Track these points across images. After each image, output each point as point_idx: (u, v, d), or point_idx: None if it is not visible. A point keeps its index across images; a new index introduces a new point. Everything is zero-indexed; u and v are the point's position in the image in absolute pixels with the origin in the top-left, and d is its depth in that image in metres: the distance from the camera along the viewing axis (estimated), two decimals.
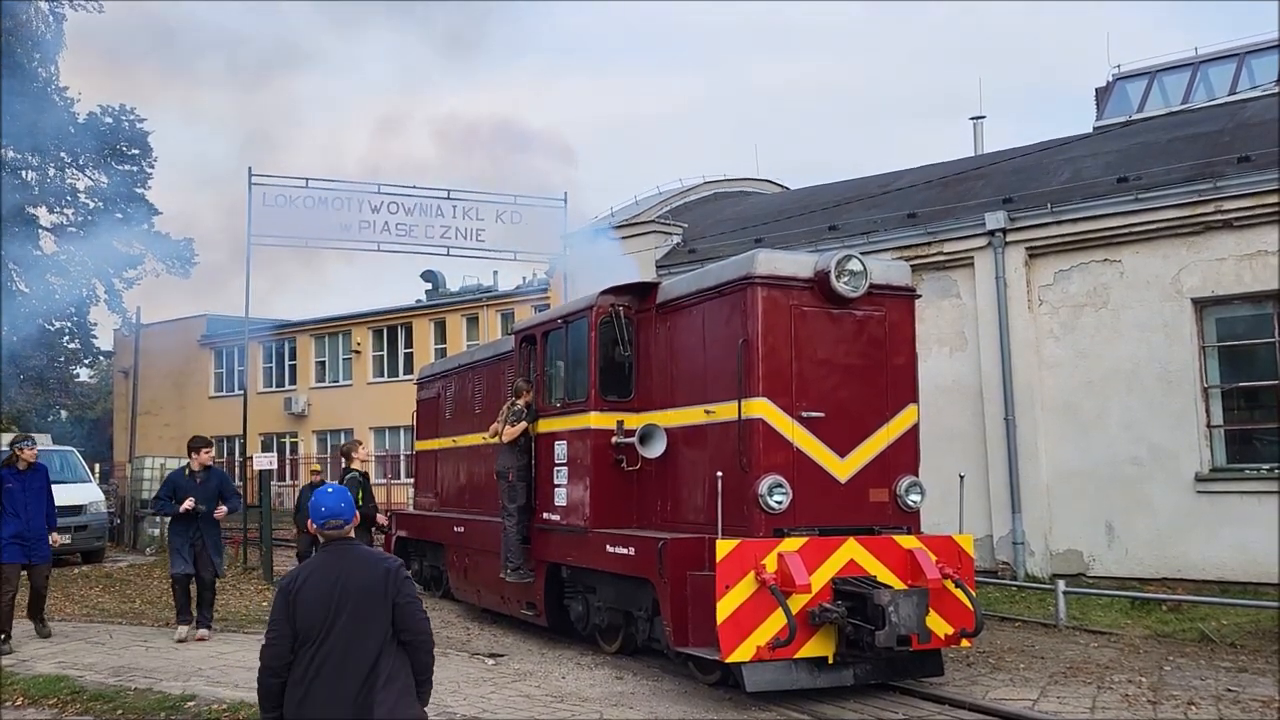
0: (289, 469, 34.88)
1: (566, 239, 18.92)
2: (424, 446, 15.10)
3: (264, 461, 17.67)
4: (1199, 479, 12.28)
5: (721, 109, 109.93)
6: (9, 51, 24.58)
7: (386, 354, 36.45)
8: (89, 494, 19.01)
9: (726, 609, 7.22)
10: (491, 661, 9.40)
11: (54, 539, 10.67)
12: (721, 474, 7.75)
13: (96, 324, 32.60)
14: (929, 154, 75.66)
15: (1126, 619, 11.08)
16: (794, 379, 8.00)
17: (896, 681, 8.04)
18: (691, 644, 7.62)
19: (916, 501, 8.31)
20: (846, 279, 8.14)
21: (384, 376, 36.14)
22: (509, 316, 31.39)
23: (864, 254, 8.68)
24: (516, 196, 19.93)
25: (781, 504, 7.75)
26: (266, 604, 12.65)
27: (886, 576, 7.74)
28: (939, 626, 7.73)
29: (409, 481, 22.19)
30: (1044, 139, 16.63)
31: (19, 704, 8.00)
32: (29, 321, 25.88)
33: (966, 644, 8.24)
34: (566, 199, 19.83)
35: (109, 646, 10.16)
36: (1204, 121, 14.35)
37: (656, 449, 8.89)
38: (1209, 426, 12.45)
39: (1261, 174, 12.00)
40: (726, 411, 8.12)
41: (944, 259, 14.38)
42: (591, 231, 18.26)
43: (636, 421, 9.17)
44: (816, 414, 8.02)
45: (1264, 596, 11.10)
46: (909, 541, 7.96)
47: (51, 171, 28.83)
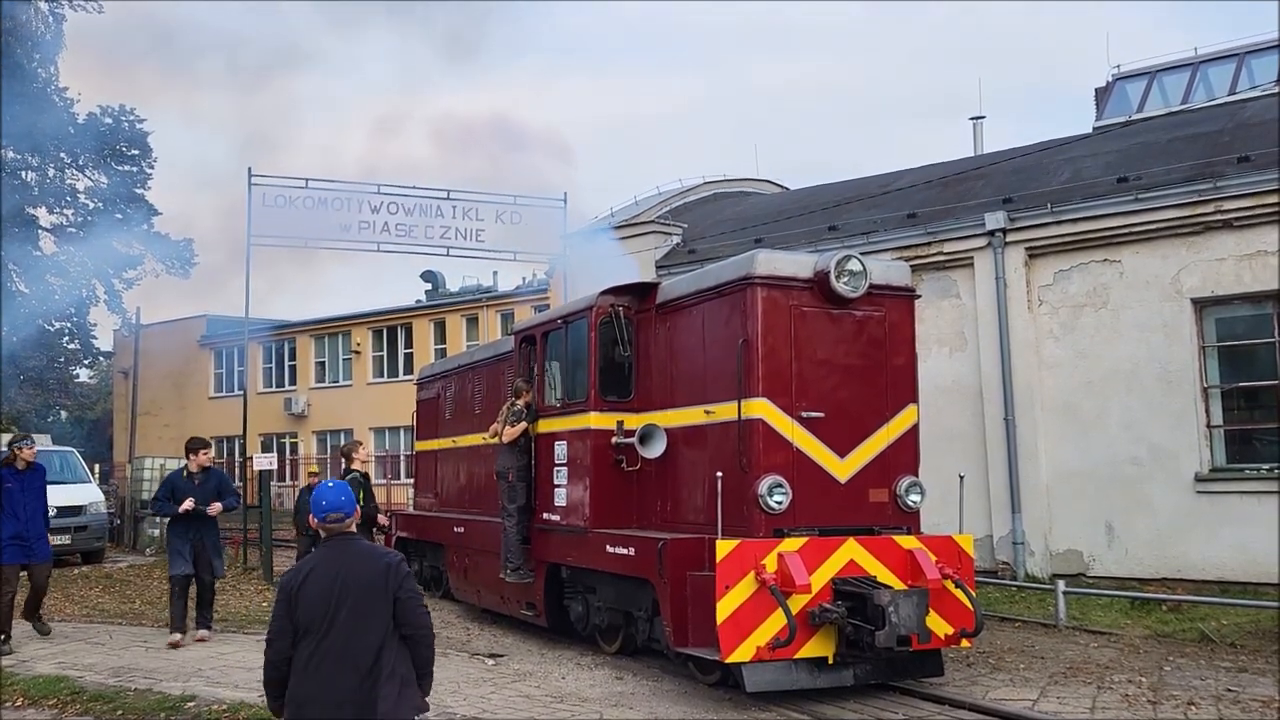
0: (289, 469, 34.87)
1: (566, 239, 18.92)
2: (424, 447, 15.10)
3: (264, 462, 17.67)
4: (1199, 479, 12.28)
5: (721, 109, 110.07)
6: (9, 52, 24.58)
7: (386, 354, 36.46)
8: (89, 494, 19.00)
9: (726, 609, 7.22)
10: (491, 662, 9.40)
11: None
12: (721, 474, 7.74)
13: (96, 324, 32.66)
14: (929, 154, 75.73)
15: (1126, 619, 11.08)
16: (794, 379, 8.00)
17: (896, 682, 8.04)
18: (691, 644, 7.61)
19: (916, 502, 8.31)
20: (846, 279, 8.14)
21: (384, 377, 36.15)
22: (509, 317, 31.40)
23: (864, 254, 8.68)
24: (516, 197, 19.94)
25: (781, 504, 7.75)
26: (266, 604, 12.65)
27: (886, 577, 7.74)
28: (939, 627, 7.73)
29: (409, 482, 22.18)
30: (1044, 139, 16.64)
31: (19, 704, 8.00)
32: (29, 322, 25.90)
33: (966, 644, 8.24)
34: (566, 199, 19.85)
35: (109, 647, 10.16)
36: (1204, 121, 14.35)
37: (656, 449, 8.89)
38: (1209, 426, 12.45)
39: (1261, 174, 12.00)
40: (726, 412, 8.12)
41: (944, 259, 14.38)
42: (591, 232, 18.27)
43: (636, 422, 9.16)
44: (816, 414, 8.02)
45: (1264, 596, 11.10)
46: (909, 542, 7.96)
47: (51, 172, 28.85)
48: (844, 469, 8.10)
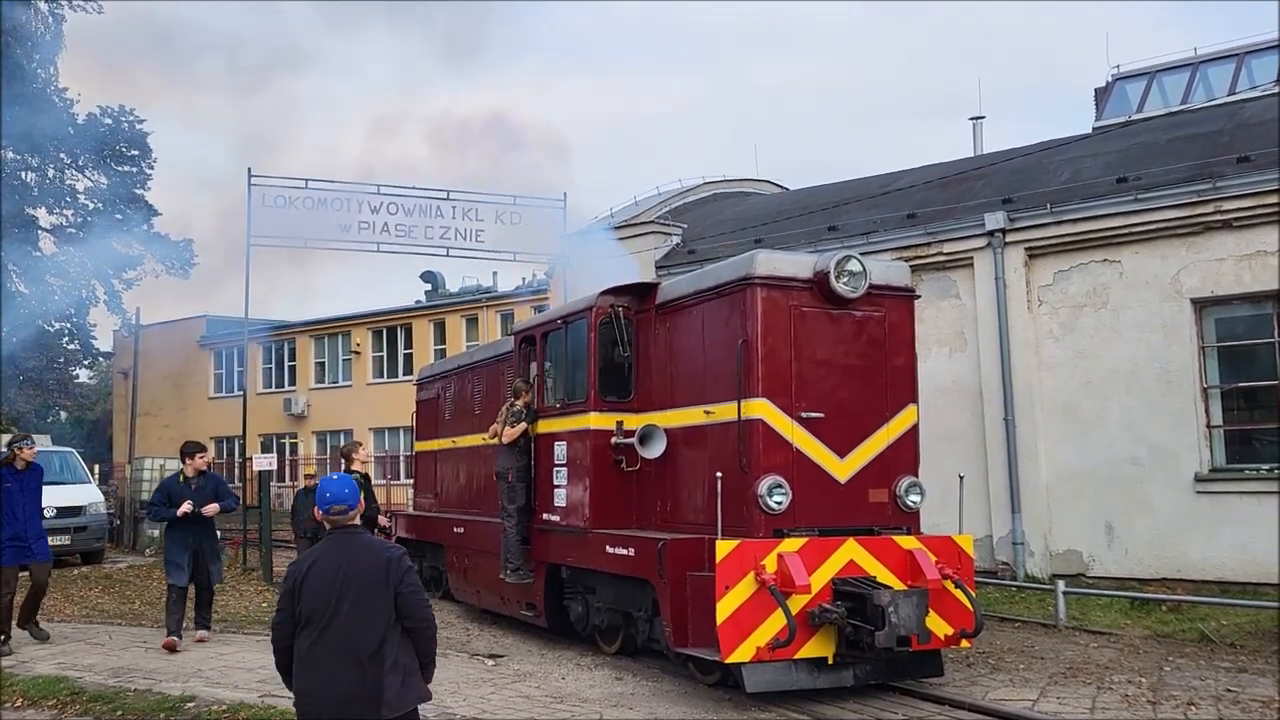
0: (289, 470, 34.86)
1: (566, 239, 18.91)
2: (423, 447, 15.09)
3: (263, 462, 17.67)
4: (1199, 479, 12.28)
5: (721, 109, 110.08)
6: (8, 52, 24.59)
7: (386, 355, 36.46)
8: (88, 495, 18.99)
9: (726, 609, 7.22)
10: (491, 662, 9.40)
11: None
12: (721, 474, 7.74)
13: (96, 325, 32.68)
14: (929, 154, 75.79)
15: (1126, 619, 11.08)
16: (793, 379, 8.00)
17: (896, 682, 8.04)
18: (691, 644, 7.61)
19: (916, 502, 8.31)
20: (846, 279, 8.14)
21: (383, 377, 36.16)
22: (508, 317, 31.41)
23: (863, 254, 8.68)
24: (516, 197, 19.95)
25: (781, 504, 7.75)
26: (266, 605, 12.66)
27: (886, 577, 7.74)
28: (939, 627, 7.73)
29: (409, 482, 22.17)
30: (1044, 139, 16.64)
31: (18, 705, 8.00)
32: (28, 323, 25.88)
33: (966, 644, 8.23)
34: (566, 199, 19.86)
35: (108, 647, 10.16)
36: (1203, 122, 14.36)
37: (656, 449, 8.89)
38: (1209, 427, 12.45)
39: (1261, 174, 12.00)
40: (726, 412, 8.12)
41: (944, 259, 14.38)
42: (591, 232, 18.26)
43: (636, 422, 9.16)
44: (816, 414, 8.02)
45: (1264, 596, 11.10)
46: (909, 542, 7.95)
47: (51, 172, 28.86)
48: (844, 469, 8.09)
